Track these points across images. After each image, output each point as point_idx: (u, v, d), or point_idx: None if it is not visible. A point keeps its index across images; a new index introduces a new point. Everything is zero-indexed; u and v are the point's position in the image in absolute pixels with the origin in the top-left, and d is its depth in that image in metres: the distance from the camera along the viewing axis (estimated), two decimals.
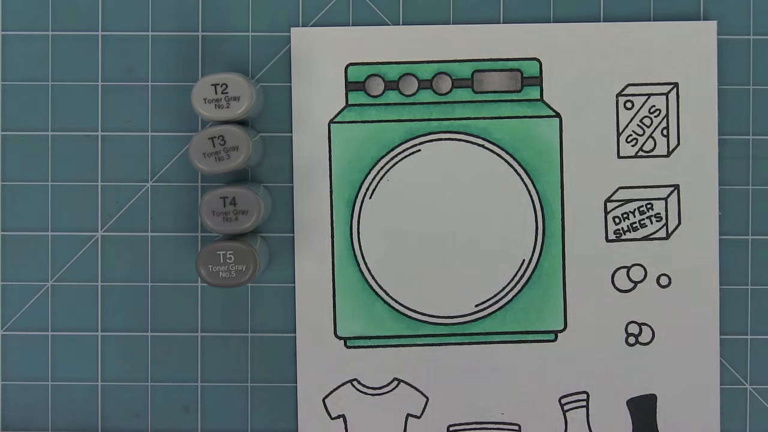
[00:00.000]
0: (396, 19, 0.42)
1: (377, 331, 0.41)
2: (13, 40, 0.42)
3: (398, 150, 0.41)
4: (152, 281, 0.42)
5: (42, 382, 0.42)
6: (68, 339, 0.42)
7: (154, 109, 0.42)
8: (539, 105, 0.41)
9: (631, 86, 0.41)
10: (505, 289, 0.41)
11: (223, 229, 0.38)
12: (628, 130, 0.41)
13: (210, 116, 0.38)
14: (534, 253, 0.41)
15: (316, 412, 0.41)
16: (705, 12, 0.42)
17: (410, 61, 0.41)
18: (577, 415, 0.41)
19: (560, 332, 0.41)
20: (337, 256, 0.41)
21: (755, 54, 0.42)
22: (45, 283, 0.42)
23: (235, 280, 0.38)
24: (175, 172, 0.42)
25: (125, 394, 0.42)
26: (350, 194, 0.41)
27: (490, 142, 0.41)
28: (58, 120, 0.42)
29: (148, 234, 0.42)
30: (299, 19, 0.42)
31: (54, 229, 0.42)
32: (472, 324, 0.41)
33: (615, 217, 0.41)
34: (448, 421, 0.41)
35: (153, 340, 0.42)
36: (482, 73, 0.41)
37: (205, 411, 0.42)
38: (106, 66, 0.42)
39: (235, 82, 0.38)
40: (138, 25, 0.42)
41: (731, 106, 0.42)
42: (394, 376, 0.41)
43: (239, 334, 0.42)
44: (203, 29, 0.42)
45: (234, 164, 0.38)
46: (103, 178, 0.42)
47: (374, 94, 0.41)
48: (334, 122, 0.41)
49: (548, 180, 0.41)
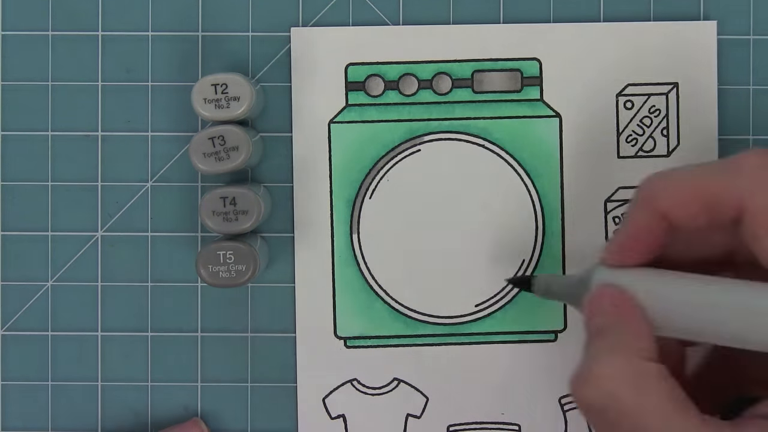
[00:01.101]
0: (396, 19, 0.42)
1: (377, 331, 0.41)
2: (13, 40, 0.42)
3: (398, 150, 0.41)
4: (152, 281, 0.42)
5: (42, 382, 0.42)
6: (68, 339, 0.42)
7: (154, 109, 0.42)
8: (539, 105, 0.41)
9: (631, 86, 0.41)
10: (505, 288, 0.41)
11: (223, 229, 0.38)
12: (628, 130, 0.41)
13: (210, 116, 0.38)
14: (534, 253, 0.41)
15: (316, 412, 0.41)
16: (705, 12, 0.42)
17: (410, 61, 0.41)
18: (577, 415, 0.41)
19: (560, 332, 0.41)
20: (337, 256, 0.41)
21: (755, 54, 0.42)
22: (45, 283, 0.42)
23: (235, 280, 0.38)
24: (175, 172, 0.42)
25: (125, 394, 0.42)
26: (350, 194, 0.41)
27: (490, 142, 0.41)
28: (58, 120, 0.42)
29: (148, 234, 0.42)
30: (299, 19, 0.42)
31: (54, 229, 0.42)
32: (472, 324, 0.41)
33: (615, 217, 0.41)
34: (448, 421, 0.41)
35: (153, 340, 0.42)
36: (482, 73, 0.41)
37: (205, 411, 0.42)
38: (105, 66, 0.42)
39: (235, 82, 0.38)
40: (138, 25, 0.42)
41: (731, 106, 0.42)
42: (394, 376, 0.41)
43: (239, 334, 0.42)
44: (203, 29, 0.42)
45: (234, 164, 0.38)
46: (103, 178, 0.42)
47: (374, 94, 0.41)
48: (334, 122, 0.41)
49: (548, 180, 0.41)
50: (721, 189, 0.29)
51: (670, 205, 0.30)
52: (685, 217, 0.30)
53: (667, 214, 0.30)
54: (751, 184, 0.28)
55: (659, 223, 0.30)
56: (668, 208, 0.30)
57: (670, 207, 0.30)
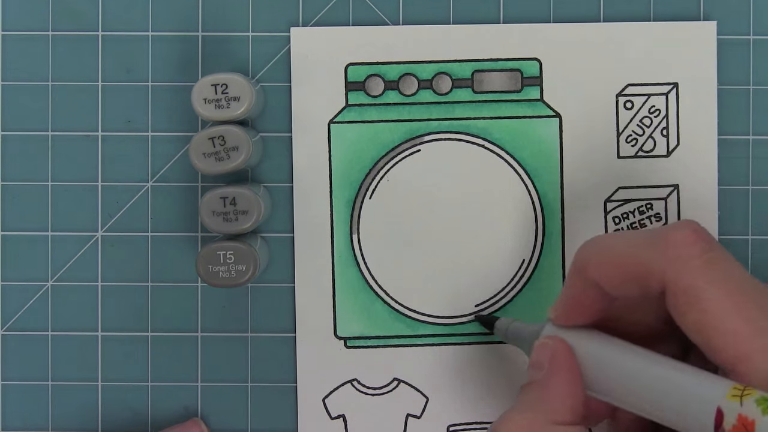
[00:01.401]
0: (396, 19, 0.42)
1: (377, 331, 0.41)
2: (13, 40, 0.42)
3: (398, 150, 0.41)
4: (152, 281, 0.42)
5: (42, 382, 0.42)
6: (68, 339, 0.42)
7: (154, 109, 0.42)
8: (539, 105, 0.41)
9: (631, 86, 0.41)
10: (505, 289, 0.41)
11: (223, 229, 0.38)
12: (628, 130, 0.41)
13: (210, 116, 0.38)
14: (534, 253, 0.41)
15: (316, 412, 0.41)
16: (705, 12, 0.42)
17: (410, 61, 0.41)
18: None
19: None
20: (337, 256, 0.41)
21: (755, 54, 0.42)
22: (45, 283, 0.42)
23: (235, 280, 0.38)
24: (175, 172, 0.42)
25: (125, 394, 0.42)
26: (350, 194, 0.41)
27: (490, 142, 0.41)
28: (58, 120, 0.42)
29: (148, 234, 0.42)
30: (299, 19, 0.42)
31: (54, 229, 0.42)
32: (472, 324, 0.41)
33: (615, 217, 0.41)
34: (448, 421, 0.41)
35: (153, 340, 0.42)
36: (482, 73, 0.41)
37: (205, 411, 0.42)
38: (105, 66, 0.42)
39: (235, 82, 0.38)
40: (138, 25, 0.42)
41: (731, 106, 0.42)
42: (394, 376, 0.41)
43: (239, 334, 0.42)
44: (203, 29, 0.42)
45: (234, 164, 0.38)
46: (103, 178, 0.42)
47: (374, 94, 0.41)
48: (334, 122, 0.41)
49: (548, 180, 0.41)
50: (645, 263, 0.29)
51: (598, 274, 0.31)
52: (614, 287, 0.31)
53: (597, 282, 0.31)
54: (673, 261, 0.29)
55: (593, 290, 0.31)
56: (597, 277, 0.31)
57: (599, 276, 0.31)
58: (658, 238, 0.29)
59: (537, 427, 0.30)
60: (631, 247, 0.30)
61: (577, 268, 0.32)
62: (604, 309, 0.32)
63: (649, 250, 0.29)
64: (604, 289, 0.31)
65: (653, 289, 0.29)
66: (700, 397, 0.28)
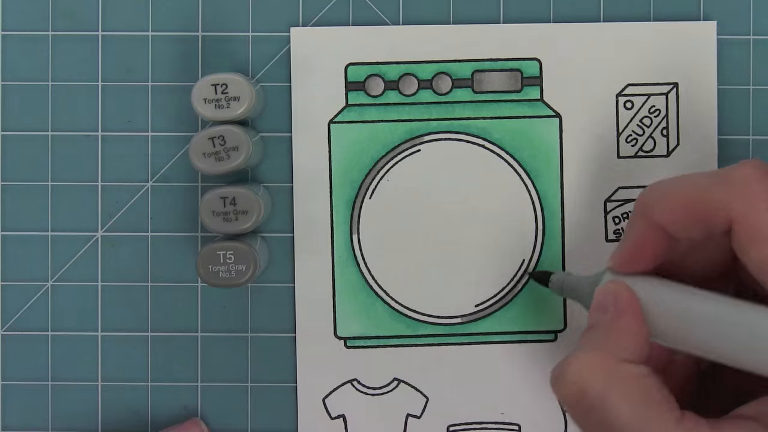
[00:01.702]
0: (396, 19, 0.42)
1: (377, 331, 0.41)
2: (13, 40, 0.42)
3: (398, 150, 0.41)
4: (152, 281, 0.42)
5: (42, 382, 0.42)
6: (68, 339, 0.42)
7: (154, 109, 0.42)
8: (539, 105, 0.41)
9: (631, 86, 0.41)
10: (505, 288, 0.41)
11: (223, 229, 0.38)
12: (628, 130, 0.41)
13: (210, 116, 0.38)
14: (534, 253, 0.41)
15: (316, 412, 0.41)
16: (705, 12, 0.42)
17: (410, 61, 0.41)
18: None
19: (560, 332, 0.41)
20: (337, 256, 0.41)
21: (755, 54, 0.42)
22: (45, 283, 0.42)
23: (235, 280, 0.38)
24: (175, 172, 0.42)
25: (125, 394, 0.42)
26: (350, 194, 0.41)
27: (490, 142, 0.41)
28: (58, 120, 0.42)
29: (148, 234, 0.42)
30: (299, 19, 0.42)
31: (54, 229, 0.42)
32: (472, 324, 0.41)
33: (615, 217, 0.41)
34: (448, 421, 0.41)
35: (153, 340, 0.42)
36: (482, 73, 0.41)
37: (205, 411, 0.42)
38: (105, 66, 0.42)
39: (235, 82, 0.38)
40: (138, 25, 0.42)
41: (731, 106, 0.42)
42: (394, 376, 0.41)
43: (239, 334, 0.42)
44: (203, 29, 0.42)
45: (234, 164, 0.38)
46: (103, 178, 0.42)
47: (374, 94, 0.41)
48: (334, 122, 0.41)
49: (548, 180, 0.41)
50: (712, 201, 0.29)
51: (664, 216, 0.31)
52: (680, 228, 0.31)
53: (662, 225, 0.31)
54: (740, 197, 0.29)
55: (656, 234, 0.31)
56: (662, 220, 0.31)
57: (664, 219, 0.31)
58: (723, 177, 0.30)
59: (607, 365, 0.30)
60: (695, 186, 0.30)
61: (640, 212, 0.31)
62: (664, 254, 0.32)
63: (714, 189, 0.29)
64: (667, 232, 0.31)
65: (719, 227, 0.29)
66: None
